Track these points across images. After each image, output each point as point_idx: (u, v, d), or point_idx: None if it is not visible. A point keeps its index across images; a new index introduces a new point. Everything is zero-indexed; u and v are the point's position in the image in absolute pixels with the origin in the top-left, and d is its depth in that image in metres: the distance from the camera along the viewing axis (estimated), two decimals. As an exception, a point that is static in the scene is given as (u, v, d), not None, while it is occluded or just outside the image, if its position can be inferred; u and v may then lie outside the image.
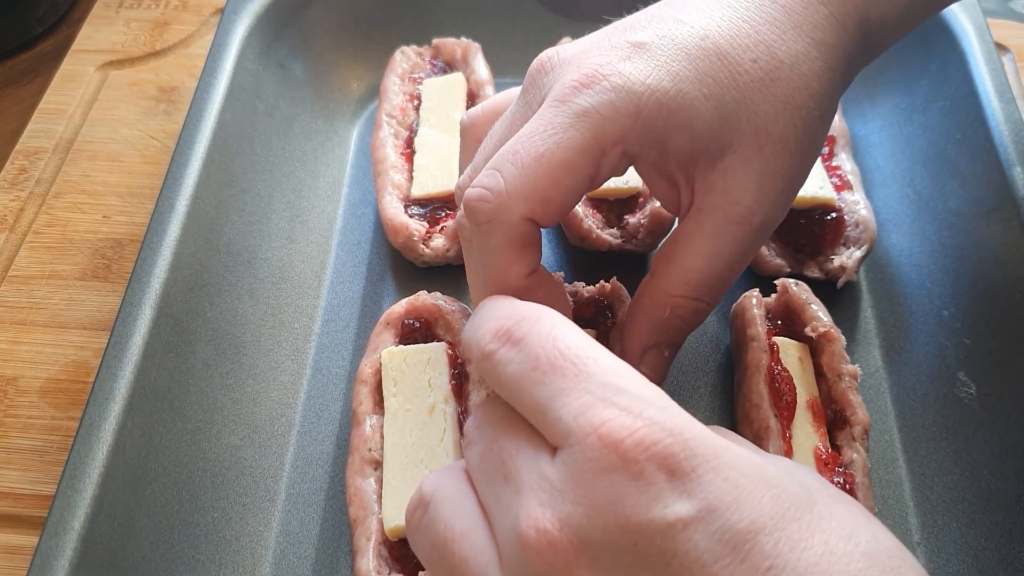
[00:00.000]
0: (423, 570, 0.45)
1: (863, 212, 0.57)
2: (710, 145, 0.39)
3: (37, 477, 0.52)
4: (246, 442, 0.52)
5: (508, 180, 0.38)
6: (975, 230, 0.56)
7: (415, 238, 0.58)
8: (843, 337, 0.51)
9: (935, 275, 0.57)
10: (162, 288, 0.50)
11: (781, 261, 0.57)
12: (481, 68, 0.66)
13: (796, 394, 0.49)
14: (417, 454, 0.48)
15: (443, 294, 0.55)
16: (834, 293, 0.57)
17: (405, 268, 0.60)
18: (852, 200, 0.58)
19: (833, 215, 0.57)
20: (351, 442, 0.50)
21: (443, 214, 0.60)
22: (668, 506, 0.28)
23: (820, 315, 0.52)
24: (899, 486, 0.51)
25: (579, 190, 0.39)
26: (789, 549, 0.28)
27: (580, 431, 0.30)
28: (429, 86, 0.66)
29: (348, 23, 0.70)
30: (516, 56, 0.65)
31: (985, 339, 0.53)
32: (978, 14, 0.62)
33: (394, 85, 0.66)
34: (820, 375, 0.51)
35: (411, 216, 0.59)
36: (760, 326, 0.51)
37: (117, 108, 0.71)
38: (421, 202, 0.60)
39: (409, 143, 0.63)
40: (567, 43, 0.43)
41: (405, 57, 0.68)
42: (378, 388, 0.51)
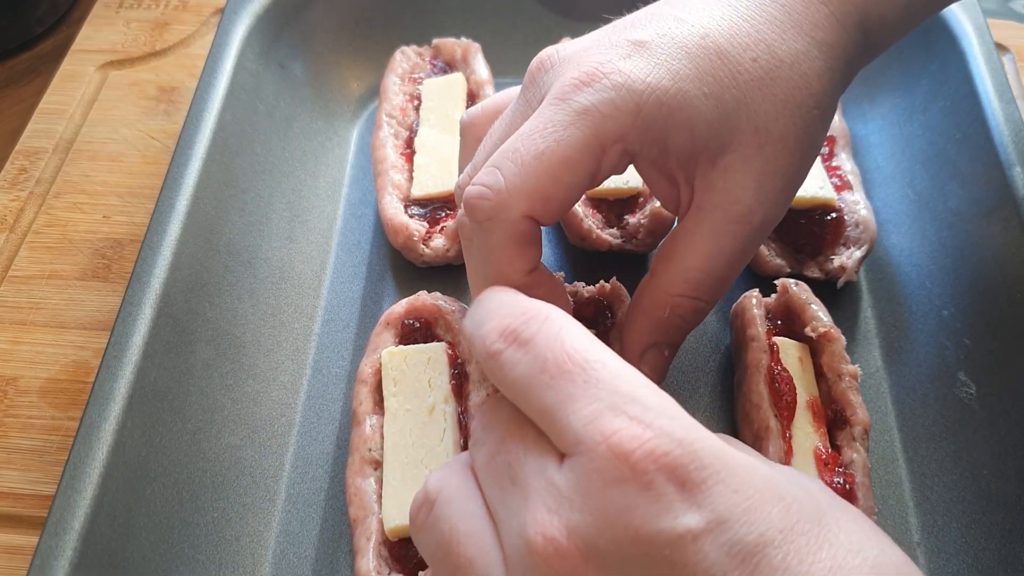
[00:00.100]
0: (423, 570, 0.45)
1: (863, 212, 0.57)
2: (710, 143, 0.39)
3: (37, 477, 0.52)
4: (246, 442, 0.51)
5: (508, 178, 0.38)
6: (975, 230, 0.56)
7: (415, 238, 0.58)
8: (843, 337, 0.51)
9: (935, 275, 0.57)
10: (162, 288, 0.50)
11: (781, 261, 0.57)
12: (481, 68, 0.66)
13: (796, 394, 0.49)
14: (417, 454, 0.48)
15: (443, 294, 0.55)
16: (834, 293, 0.57)
17: (405, 268, 0.60)
18: (852, 200, 0.58)
19: (833, 215, 0.57)
20: (351, 442, 0.50)
21: (443, 214, 0.60)
22: (678, 517, 0.28)
23: (820, 315, 0.51)
24: (899, 486, 0.51)
25: (579, 188, 0.39)
26: (798, 562, 0.28)
27: (590, 440, 0.29)
28: (429, 86, 0.66)
29: (348, 23, 0.70)
30: (516, 56, 0.65)
31: (985, 339, 0.53)
32: (978, 14, 0.62)
33: (394, 85, 0.66)
34: (820, 375, 0.51)
35: (411, 216, 0.59)
36: (760, 326, 0.51)
37: (117, 108, 0.71)
38: (421, 202, 0.60)
39: (409, 143, 0.63)
40: (567, 42, 0.43)
41: (405, 57, 0.68)
42: (378, 388, 0.51)
